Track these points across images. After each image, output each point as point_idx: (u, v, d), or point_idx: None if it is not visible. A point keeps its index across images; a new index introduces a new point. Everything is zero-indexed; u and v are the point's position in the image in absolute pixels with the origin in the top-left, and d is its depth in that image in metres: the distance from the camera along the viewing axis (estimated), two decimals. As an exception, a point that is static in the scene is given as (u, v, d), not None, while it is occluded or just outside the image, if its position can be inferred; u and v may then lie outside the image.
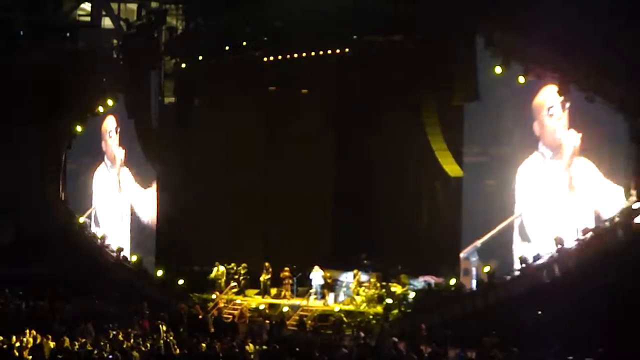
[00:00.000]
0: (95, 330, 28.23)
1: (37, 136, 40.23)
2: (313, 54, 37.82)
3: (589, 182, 31.57)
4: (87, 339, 26.14)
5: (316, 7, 36.68)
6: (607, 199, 31.03)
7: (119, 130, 42.19)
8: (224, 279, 38.33)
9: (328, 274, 37.37)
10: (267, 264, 38.28)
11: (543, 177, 32.86)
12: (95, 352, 24.80)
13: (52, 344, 25.52)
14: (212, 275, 38.44)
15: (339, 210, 41.39)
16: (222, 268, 38.47)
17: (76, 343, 25.61)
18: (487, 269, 32.94)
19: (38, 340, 25.86)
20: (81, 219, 41.46)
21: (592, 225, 30.91)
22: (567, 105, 31.63)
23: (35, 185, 40.62)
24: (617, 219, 30.24)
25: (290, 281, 37.58)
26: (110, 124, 42.60)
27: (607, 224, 30.46)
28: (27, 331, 26.68)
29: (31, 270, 37.16)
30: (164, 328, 28.75)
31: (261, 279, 38.07)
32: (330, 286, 36.78)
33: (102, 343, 25.78)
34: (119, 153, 42.31)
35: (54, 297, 34.64)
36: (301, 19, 37.01)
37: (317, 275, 36.96)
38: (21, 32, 43.31)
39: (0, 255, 38.18)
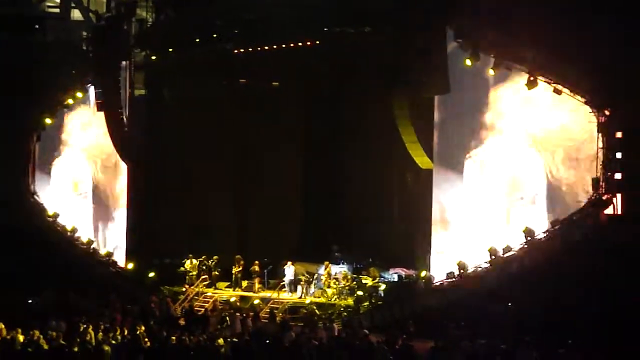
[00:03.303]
0: (66, 323, 28.08)
1: (5, 129, 39.89)
2: (284, 46, 37.77)
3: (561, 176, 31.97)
4: (57, 332, 25.98)
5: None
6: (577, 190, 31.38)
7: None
8: (195, 272, 38.27)
9: (304, 268, 37.43)
10: (238, 256, 38.25)
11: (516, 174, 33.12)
12: (66, 345, 24.75)
13: (21, 338, 25.38)
14: (184, 267, 38.38)
15: (310, 203, 41.58)
16: (194, 261, 38.41)
17: (47, 336, 25.48)
18: (457, 261, 33.07)
19: (9, 335, 25.67)
20: (51, 212, 41.16)
21: (561, 217, 31.19)
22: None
23: (5, 178, 40.31)
24: (586, 211, 30.47)
25: (259, 274, 37.60)
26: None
27: (575, 216, 30.72)
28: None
29: (1, 264, 36.90)
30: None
31: (233, 271, 38.06)
32: (306, 279, 36.77)
33: (72, 336, 25.70)
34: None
35: (24, 290, 34.43)
36: (272, 11, 36.95)
37: (289, 270, 36.97)
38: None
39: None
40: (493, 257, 31.96)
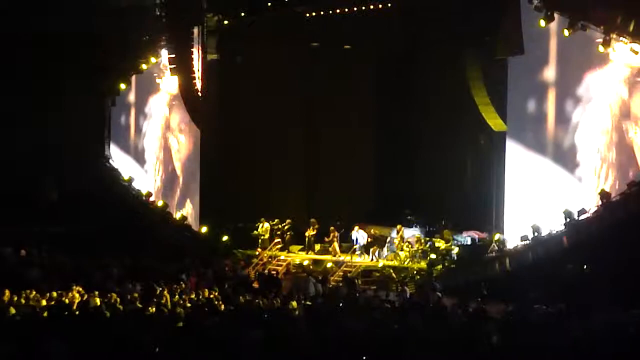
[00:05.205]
0: (141, 287, 28.40)
1: (80, 94, 40.29)
2: (355, 9, 37.64)
3: None
4: (133, 296, 26.27)
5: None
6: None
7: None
8: (268, 235, 38.49)
9: (378, 231, 37.44)
10: (313, 220, 38.41)
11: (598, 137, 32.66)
12: (142, 308, 25.03)
13: (98, 300, 25.70)
14: (258, 231, 38.61)
15: (382, 165, 41.54)
16: (267, 225, 38.61)
17: (123, 299, 25.78)
18: (531, 224, 32.74)
19: (85, 297, 26.00)
20: (126, 176, 41.60)
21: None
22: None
23: (80, 144, 40.78)
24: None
25: (336, 237, 37.64)
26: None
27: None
28: (74, 287, 26.82)
29: (77, 228, 37.34)
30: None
31: (306, 234, 38.19)
32: (379, 242, 36.79)
33: (148, 299, 26.00)
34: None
35: (101, 255, 34.86)
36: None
37: (359, 235, 36.97)
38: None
39: (46, 214, 38.37)
40: (568, 219, 31.56)
